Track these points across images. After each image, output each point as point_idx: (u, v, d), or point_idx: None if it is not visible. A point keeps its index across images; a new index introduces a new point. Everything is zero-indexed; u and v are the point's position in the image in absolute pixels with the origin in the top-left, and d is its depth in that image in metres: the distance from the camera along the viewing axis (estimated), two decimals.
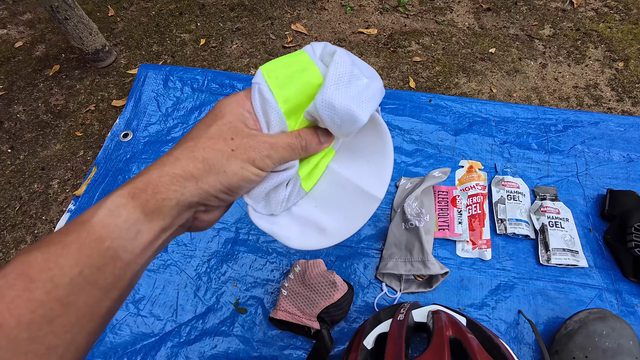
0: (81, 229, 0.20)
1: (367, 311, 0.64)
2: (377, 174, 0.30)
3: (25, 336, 0.17)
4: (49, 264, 0.18)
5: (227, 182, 0.23)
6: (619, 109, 1.06)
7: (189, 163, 0.22)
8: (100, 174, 0.82)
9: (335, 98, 0.24)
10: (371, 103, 0.25)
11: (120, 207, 0.21)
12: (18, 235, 0.90)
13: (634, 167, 0.75)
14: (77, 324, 0.19)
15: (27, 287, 0.18)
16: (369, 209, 0.29)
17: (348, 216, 0.29)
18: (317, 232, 0.29)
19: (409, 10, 1.33)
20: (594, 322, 0.54)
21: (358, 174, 0.30)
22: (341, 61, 0.25)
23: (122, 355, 0.62)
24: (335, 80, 0.24)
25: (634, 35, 1.21)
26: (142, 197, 0.21)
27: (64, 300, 0.18)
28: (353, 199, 0.30)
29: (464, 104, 0.84)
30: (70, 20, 1.04)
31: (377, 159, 0.30)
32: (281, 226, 0.28)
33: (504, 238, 0.69)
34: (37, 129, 1.08)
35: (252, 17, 1.34)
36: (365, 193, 0.30)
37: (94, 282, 0.19)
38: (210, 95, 0.91)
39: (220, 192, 0.23)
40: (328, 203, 0.30)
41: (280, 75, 0.25)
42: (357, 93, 0.25)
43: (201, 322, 0.65)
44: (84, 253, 0.19)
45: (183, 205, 0.22)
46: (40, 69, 1.22)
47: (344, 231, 0.29)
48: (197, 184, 0.22)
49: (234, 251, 0.71)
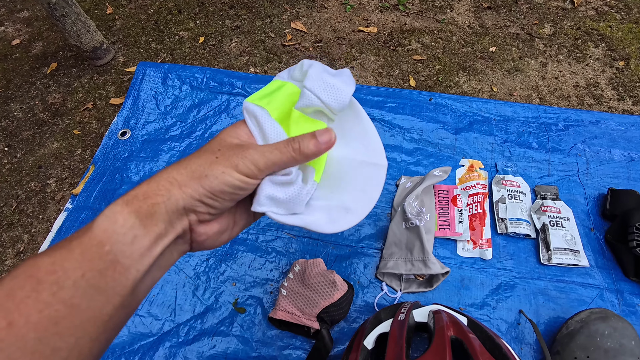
0: (83, 235, 0.21)
1: (367, 311, 0.64)
2: (371, 146, 0.33)
3: (33, 336, 0.18)
4: (55, 266, 0.19)
5: (208, 185, 0.24)
6: (620, 108, 1.06)
7: (173, 172, 0.24)
8: (98, 172, 0.82)
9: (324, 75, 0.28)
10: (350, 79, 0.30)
11: (116, 213, 0.22)
12: (15, 234, 0.89)
13: (635, 166, 0.75)
14: (80, 327, 0.19)
15: (35, 288, 0.18)
16: (379, 177, 0.32)
17: (364, 189, 0.31)
18: (344, 212, 0.30)
19: (409, 9, 1.33)
20: (596, 322, 0.53)
21: (356, 151, 0.33)
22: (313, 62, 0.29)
23: (120, 355, 0.62)
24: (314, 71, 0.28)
25: (634, 35, 1.21)
26: (135, 203, 0.22)
27: (68, 302, 0.19)
28: (362, 173, 0.32)
29: (465, 103, 0.84)
30: (67, 17, 1.04)
31: (364, 135, 0.33)
32: (311, 217, 0.30)
33: (505, 237, 0.68)
34: (35, 127, 1.07)
35: (252, 15, 1.33)
36: (371, 164, 0.32)
37: (96, 285, 0.20)
38: (209, 93, 0.90)
39: (204, 196, 0.24)
40: (342, 185, 0.32)
41: (262, 95, 0.29)
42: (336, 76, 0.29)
43: (200, 322, 0.64)
44: (86, 257, 0.20)
45: (172, 211, 0.23)
46: (38, 67, 1.21)
47: (366, 204, 0.31)
48: (181, 188, 0.23)
49: (233, 250, 0.70)
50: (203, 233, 0.26)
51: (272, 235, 0.71)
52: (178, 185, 0.23)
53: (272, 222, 0.72)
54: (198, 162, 0.24)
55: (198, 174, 0.24)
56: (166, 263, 0.25)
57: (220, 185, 0.24)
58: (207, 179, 0.24)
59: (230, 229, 0.29)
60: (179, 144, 0.84)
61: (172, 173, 0.24)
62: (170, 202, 0.23)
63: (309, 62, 0.29)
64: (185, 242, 0.26)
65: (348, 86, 0.29)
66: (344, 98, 0.29)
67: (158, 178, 0.24)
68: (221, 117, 0.87)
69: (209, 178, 0.24)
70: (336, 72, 0.30)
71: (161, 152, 0.83)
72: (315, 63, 0.29)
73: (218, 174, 0.24)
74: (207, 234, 0.26)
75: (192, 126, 0.86)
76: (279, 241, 0.71)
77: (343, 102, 0.29)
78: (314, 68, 0.29)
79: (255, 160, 0.25)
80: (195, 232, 0.26)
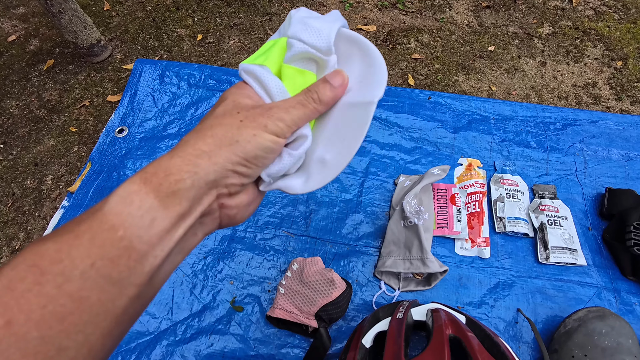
0: (93, 218, 0.18)
1: (365, 309, 0.64)
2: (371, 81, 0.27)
3: (35, 335, 0.15)
4: (61, 254, 0.17)
5: (241, 151, 0.22)
6: (618, 107, 1.06)
7: (197, 141, 0.21)
8: (95, 170, 0.81)
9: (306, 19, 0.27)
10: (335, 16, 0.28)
11: (132, 193, 0.19)
12: (10, 232, 0.88)
13: (632, 165, 0.75)
14: (90, 322, 0.17)
15: (37, 280, 0.16)
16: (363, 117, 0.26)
17: (344, 136, 0.26)
18: (321, 166, 0.27)
19: (408, 7, 1.33)
20: (593, 320, 0.54)
21: (351, 93, 0.27)
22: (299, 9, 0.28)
23: (117, 354, 0.61)
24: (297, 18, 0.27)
25: (632, 35, 1.22)
26: (154, 181, 0.20)
27: (76, 295, 0.17)
28: (347, 117, 0.27)
29: (463, 102, 0.84)
30: (64, 13, 1.03)
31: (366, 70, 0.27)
32: (286, 178, 0.27)
33: (503, 236, 0.68)
34: (31, 124, 1.06)
35: (250, 12, 1.33)
36: (358, 104, 0.26)
37: (108, 275, 0.18)
38: (207, 91, 0.90)
39: (237, 165, 0.22)
40: (324, 134, 0.28)
41: (257, 55, 0.27)
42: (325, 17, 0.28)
43: (197, 320, 0.64)
44: (96, 243, 0.18)
45: (200, 187, 0.21)
46: (34, 64, 1.20)
47: (343, 155, 0.26)
48: (211, 159, 0.21)
49: (231, 249, 0.70)
50: (234, 206, 0.24)
51: (270, 233, 0.71)
52: (207, 157, 0.21)
53: (270, 221, 0.72)
54: (222, 127, 0.22)
55: (228, 140, 0.21)
56: (189, 245, 0.22)
57: (254, 150, 0.22)
58: (238, 145, 0.21)
59: (255, 199, 0.27)
60: (176, 142, 0.84)
61: (197, 143, 0.21)
62: (198, 177, 0.20)
63: (294, 11, 0.27)
64: (214, 219, 0.24)
65: (332, 23, 0.27)
66: (327, 33, 0.26)
67: (181, 152, 0.21)
68: None
69: (240, 144, 0.22)
70: (324, 16, 0.28)
71: (159, 150, 0.83)
72: (301, 9, 0.28)
73: (249, 137, 0.22)
74: (238, 206, 0.24)
75: (189, 124, 0.86)
76: (277, 239, 0.70)
77: (328, 38, 0.26)
78: (297, 14, 0.27)
79: (282, 118, 0.23)
80: (225, 207, 0.23)
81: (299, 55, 0.26)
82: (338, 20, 0.28)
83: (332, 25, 0.27)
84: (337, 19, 0.28)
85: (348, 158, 0.26)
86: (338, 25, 0.27)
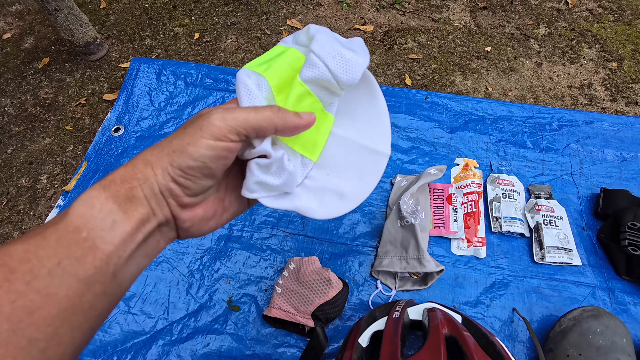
0: (59, 221, 0.20)
1: (362, 309, 0.64)
2: (379, 130, 0.30)
3: (5, 327, 0.17)
4: (29, 254, 0.18)
5: (176, 162, 0.22)
6: (613, 108, 1.07)
7: (147, 152, 0.23)
8: (91, 169, 0.81)
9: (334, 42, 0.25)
10: (363, 49, 0.27)
11: (93, 198, 0.21)
12: (5, 231, 0.88)
13: (627, 166, 0.76)
14: (58, 316, 0.18)
15: (7, 277, 0.17)
16: (379, 165, 0.30)
17: (361, 176, 0.30)
18: (337, 198, 0.29)
19: (406, 8, 1.33)
20: (588, 319, 0.54)
21: (362, 134, 0.30)
22: (320, 27, 0.26)
23: (112, 353, 0.61)
24: (324, 36, 0.25)
25: (627, 36, 1.22)
26: (112, 187, 0.21)
27: (44, 292, 0.18)
28: (362, 159, 0.30)
29: (460, 102, 0.84)
30: (60, 11, 1.02)
31: (375, 117, 0.31)
32: (302, 200, 0.28)
33: (499, 236, 0.69)
34: (26, 122, 1.05)
35: (247, 11, 1.32)
36: (373, 151, 0.30)
37: (74, 273, 0.19)
38: (204, 90, 0.89)
39: (176, 175, 0.22)
40: (339, 168, 0.30)
41: (262, 61, 0.26)
42: (347, 44, 0.26)
43: (193, 320, 0.64)
44: (62, 244, 0.19)
45: (151, 195, 0.22)
46: (29, 62, 1.20)
47: (361, 191, 0.29)
48: (154, 169, 0.22)
49: (228, 248, 0.70)
50: (187, 219, 0.24)
51: (267, 233, 0.71)
52: (151, 167, 0.22)
53: (267, 220, 0.72)
54: (169, 138, 0.23)
55: (167, 150, 0.22)
56: (152, 251, 0.23)
57: (186, 160, 0.22)
58: (174, 155, 0.22)
59: (219, 215, 0.27)
60: None
61: (146, 154, 0.22)
62: (146, 186, 0.22)
63: (316, 27, 0.26)
64: (171, 229, 0.24)
65: (361, 57, 0.26)
66: (355, 71, 0.25)
67: (134, 161, 0.22)
68: None
69: (176, 153, 0.22)
70: (347, 41, 0.27)
71: None
72: (323, 29, 0.26)
73: (184, 146, 0.22)
74: (191, 220, 0.24)
75: None
76: (273, 239, 0.70)
77: (354, 75, 0.26)
78: (322, 33, 0.25)
79: (221, 118, 0.22)
80: (178, 219, 0.24)
81: (318, 82, 0.26)
82: (365, 54, 0.26)
83: (361, 61, 0.26)
84: (364, 51, 0.27)
85: (365, 195, 0.29)
86: (366, 63, 0.26)
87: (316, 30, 0.26)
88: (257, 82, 0.25)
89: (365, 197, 0.29)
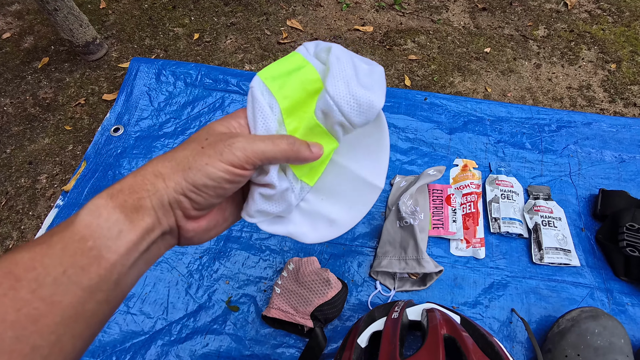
0: (65, 230, 0.20)
1: (360, 309, 0.64)
2: (377, 164, 0.32)
3: (10, 334, 0.17)
4: (34, 263, 0.18)
5: (191, 179, 0.22)
6: (611, 110, 1.07)
7: (159, 163, 0.23)
8: (90, 169, 0.81)
9: (350, 86, 0.24)
10: (381, 85, 0.26)
11: (100, 207, 0.21)
12: (4, 231, 0.87)
13: (625, 167, 0.76)
14: (61, 324, 0.18)
15: (12, 285, 0.17)
16: (371, 197, 0.31)
17: (352, 206, 0.31)
18: (328, 224, 0.30)
19: (405, 9, 1.33)
20: (586, 320, 0.54)
21: (358, 164, 0.31)
22: (341, 53, 0.25)
23: (111, 353, 0.61)
24: (341, 71, 0.24)
25: (626, 38, 1.23)
26: (120, 197, 0.21)
27: (49, 300, 0.18)
28: (357, 189, 0.31)
29: (459, 103, 0.84)
30: (60, 11, 1.02)
31: (376, 149, 0.31)
32: (295, 225, 0.29)
33: (498, 237, 0.69)
34: (25, 122, 1.05)
35: (247, 12, 1.32)
36: (368, 183, 0.31)
37: (79, 282, 0.19)
38: (203, 90, 0.89)
39: (188, 191, 0.23)
40: (333, 195, 0.31)
41: (277, 73, 0.25)
42: (366, 78, 0.25)
43: (192, 320, 0.64)
44: (67, 252, 0.19)
45: (159, 206, 0.22)
46: (29, 61, 1.19)
47: (350, 220, 0.31)
48: (165, 182, 0.22)
49: (227, 248, 0.70)
50: (190, 230, 0.25)
51: (266, 233, 0.71)
52: (163, 179, 0.22)
53: None
54: (184, 153, 0.23)
55: (182, 166, 0.22)
56: (153, 257, 0.24)
57: (202, 178, 0.22)
58: (190, 172, 0.22)
59: (220, 225, 0.27)
60: (172, 141, 0.83)
61: (157, 165, 0.23)
62: (155, 197, 0.22)
63: (338, 53, 0.25)
64: (173, 237, 0.25)
65: (376, 97, 0.25)
66: (369, 115, 0.25)
67: (144, 171, 0.22)
68: (216, 114, 0.86)
69: (192, 170, 0.22)
70: (367, 71, 0.26)
71: (154, 149, 0.82)
72: (344, 56, 0.25)
73: (201, 165, 0.22)
74: (194, 230, 0.25)
75: (186, 123, 0.86)
76: (273, 239, 0.70)
77: (368, 119, 0.25)
78: (340, 64, 0.24)
79: (242, 148, 0.23)
80: (182, 229, 0.25)
81: (331, 121, 0.25)
82: (382, 90, 0.26)
83: (377, 103, 0.25)
84: (381, 88, 0.26)
85: (353, 223, 0.31)
86: (382, 103, 0.25)
87: (336, 58, 0.24)
88: (270, 103, 0.25)
89: (352, 226, 0.31)
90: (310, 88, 0.25)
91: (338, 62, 0.24)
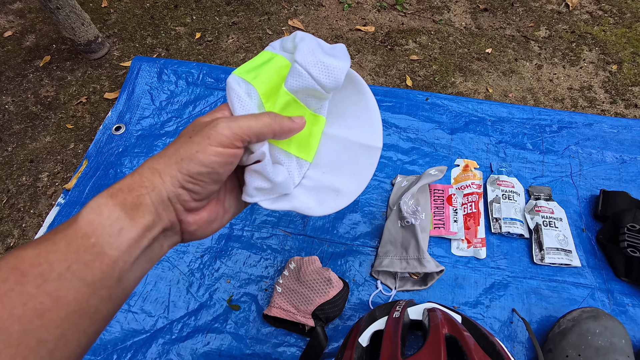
0: (69, 227, 0.21)
1: (362, 309, 0.64)
2: (369, 126, 0.32)
3: (17, 328, 0.17)
4: (40, 259, 0.19)
5: (185, 169, 0.23)
6: (612, 110, 1.07)
7: (154, 160, 0.24)
8: (91, 167, 0.81)
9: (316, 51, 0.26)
10: (345, 54, 0.28)
11: (101, 205, 0.21)
12: (5, 228, 0.87)
13: (626, 168, 0.76)
14: (66, 319, 0.19)
15: (19, 280, 0.18)
16: (372, 159, 0.31)
17: (356, 171, 0.31)
18: (334, 194, 0.30)
19: (407, 9, 1.33)
20: (587, 320, 0.54)
21: (352, 131, 0.32)
22: (305, 35, 0.28)
23: (112, 352, 0.61)
24: (306, 45, 0.27)
25: (627, 39, 1.23)
26: (120, 196, 0.22)
27: (54, 295, 0.19)
28: (355, 154, 0.31)
29: (461, 103, 0.85)
30: (62, 9, 1.02)
31: (364, 114, 0.32)
32: (300, 200, 0.29)
33: (499, 237, 0.69)
34: (26, 120, 1.05)
35: (249, 11, 1.32)
36: (365, 146, 0.31)
37: (82, 277, 0.20)
38: (205, 89, 0.90)
39: (185, 182, 0.23)
40: (334, 165, 0.31)
41: (250, 67, 0.27)
42: (330, 51, 0.28)
43: (193, 318, 0.64)
44: (71, 249, 0.20)
45: (158, 202, 0.23)
46: (30, 60, 1.20)
47: (356, 186, 0.31)
48: (162, 177, 0.23)
49: (228, 247, 0.70)
50: (193, 223, 0.25)
51: (267, 232, 0.71)
52: (159, 175, 0.23)
53: (267, 220, 0.72)
54: (174, 147, 0.24)
55: (175, 159, 0.23)
56: (155, 255, 0.24)
57: (196, 166, 0.23)
58: (183, 163, 0.23)
59: (221, 217, 0.28)
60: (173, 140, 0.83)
61: (152, 163, 0.23)
62: (154, 193, 0.23)
63: (301, 35, 0.28)
64: (175, 233, 0.25)
65: (342, 62, 0.27)
66: (337, 75, 0.27)
67: (141, 170, 0.23)
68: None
69: (184, 161, 0.23)
70: (330, 47, 0.28)
71: (156, 148, 0.82)
72: (308, 36, 0.28)
73: (193, 154, 0.23)
74: (197, 223, 0.26)
75: (187, 122, 0.86)
76: (274, 238, 0.70)
77: (337, 79, 0.27)
78: (305, 42, 0.27)
79: (227, 127, 0.23)
80: (184, 223, 0.25)
81: (303, 90, 0.27)
82: (346, 58, 0.28)
83: (342, 65, 0.27)
84: (345, 56, 0.28)
85: (360, 189, 0.30)
86: (347, 67, 0.28)
87: (300, 39, 0.27)
88: (247, 90, 0.26)
89: (361, 191, 0.30)
90: (283, 73, 0.27)
91: (303, 40, 0.27)
